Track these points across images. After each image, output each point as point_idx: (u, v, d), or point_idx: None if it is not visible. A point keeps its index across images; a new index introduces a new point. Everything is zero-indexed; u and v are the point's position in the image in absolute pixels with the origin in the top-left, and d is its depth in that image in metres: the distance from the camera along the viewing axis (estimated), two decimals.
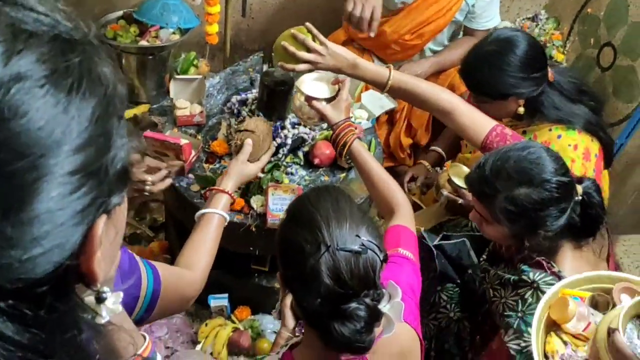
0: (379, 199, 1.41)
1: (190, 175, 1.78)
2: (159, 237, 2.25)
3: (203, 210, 1.35)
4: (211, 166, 1.84)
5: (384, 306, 0.98)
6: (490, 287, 1.42)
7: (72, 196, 0.43)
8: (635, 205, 2.49)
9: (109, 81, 0.48)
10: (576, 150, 1.72)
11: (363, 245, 0.95)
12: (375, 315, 0.96)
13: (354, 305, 0.92)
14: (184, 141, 1.68)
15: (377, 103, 2.16)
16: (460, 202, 1.77)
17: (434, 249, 1.68)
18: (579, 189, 1.35)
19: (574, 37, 2.91)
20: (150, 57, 2.77)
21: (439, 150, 2.32)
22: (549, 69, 1.75)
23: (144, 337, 0.81)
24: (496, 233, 1.39)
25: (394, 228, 1.30)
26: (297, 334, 1.36)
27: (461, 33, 2.50)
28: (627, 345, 0.77)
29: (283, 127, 1.81)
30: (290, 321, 1.39)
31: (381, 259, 0.98)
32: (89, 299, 0.55)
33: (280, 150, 1.81)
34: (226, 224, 1.38)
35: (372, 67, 1.59)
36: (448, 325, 1.62)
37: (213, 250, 1.32)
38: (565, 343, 1.08)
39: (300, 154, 1.90)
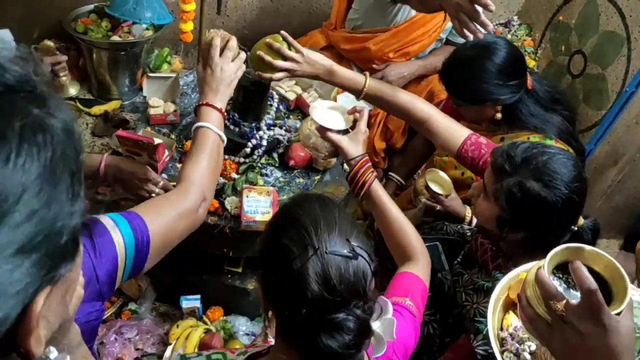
0: (396, 246, 1.33)
1: (164, 175, 1.75)
2: None
3: (198, 124, 1.28)
4: None
5: (373, 322, 0.93)
6: (463, 291, 1.44)
7: (11, 277, 0.38)
8: (603, 210, 2.55)
9: (58, 139, 0.43)
10: None
11: (354, 250, 0.89)
12: (365, 329, 0.89)
13: (342, 315, 0.85)
14: (157, 141, 1.65)
15: (353, 105, 2.15)
16: (438, 208, 1.78)
17: None
18: (581, 221, 1.34)
19: (546, 43, 2.97)
20: (123, 52, 2.71)
21: (396, 177, 2.31)
22: (529, 77, 1.78)
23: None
24: (486, 211, 1.37)
25: (408, 275, 1.23)
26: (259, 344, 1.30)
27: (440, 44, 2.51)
28: (549, 278, 0.77)
29: (258, 129, 1.79)
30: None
31: (372, 268, 0.92)
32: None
33: (256, 152, 1.79)
34: (224, 145, 1.32)
35: (349, 74, 1.57)
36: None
37: (212, 164, 1.25)
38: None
39: (275, 155, 1.89)
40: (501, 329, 1.09)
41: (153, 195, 1.55)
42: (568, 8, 2.79)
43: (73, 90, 2.31)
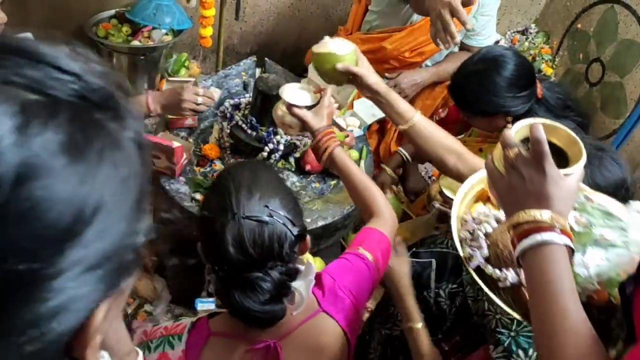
0: (361, 204, 1.39)
1: (181, 178, 1.77)
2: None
3: None
4: (202, 169, 1.84)
5: (296, 282, 0.99)
6: (487, 300, 1.43)
7: (76, 293, 0.39)
8: None
9: (132, 156, 0.43)
10: None
11: (271, 215, 0.95)
12: (280, 290, 0.96)
13: (256, 275, 0.93)
14: (175, 144, 1.67)
15: (369, 111, 2.16)
16: None
17: None
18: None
19: (564, 51, 2.96)
20: (142, 57, 2.76)
21: (404, 152, 2.28)
22: (538, 84, 1.78)
23: (137, 352, 0.80)
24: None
25: (364, 230, 1.28)
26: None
27: (457, 48, 2.52)
28: (510, 132, 0.85)
29: (276, 133, 1.80)
30: None
31: (293, 233, 0.98)
32: None
33: (273, 156, 1.81)
34: None
35: (402, 104, 1.48)
36: (399, 336, 1.61)
37: None
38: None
39: (292, 160, 1.90)
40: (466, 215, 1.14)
41: (199, 101, 1.69)
42: (586, 16, 2.78)
43: None
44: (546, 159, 0.79)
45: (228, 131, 1.85)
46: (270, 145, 1.79)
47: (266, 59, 2.34)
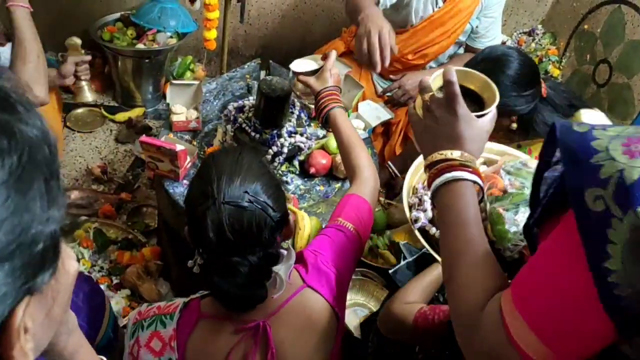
0: (346, 164, 1.41)
1: (185, 182, 1.77)
2: (150, 242, 2.23)
3: None
4: None
5: (277, 267, 1.01)
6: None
7: None
8: None
9: (27, 144, 0.41)
10: None
11: (250, 201, 0.96)
12: (260, 274, 0.98)
13: (235, 259, 0.95)
14: (179, 147, 1.66)
15: (374, 113, 2.15)
16: None
17: (391, 274, 1.69)
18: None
19: (570, 52, 2.93)
20: (147, 60, 2.76)
21: (392, 167, 2.30)
22: (543, 83, 1.76)
23: None
24: None
25: (345, 197, 1.29)
26: None
27: (462, 50, 2.50)
28: (427, 78, 0.90)
29: (279, 136, 1.79)
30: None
31: (273, 218, 0.99)
32: None
33: (276, 159, 1.80)
34: None
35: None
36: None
37: None
38: None
39: (296, 162, 1.89)
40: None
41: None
42: (593, 17, 2.76)
43: (89, 96, 2.33)
44: (457, 100, 0.84)
45: (232, 134, 1.84)
46: (274, 148, 1.78)
47: (270, 61, 2.33)
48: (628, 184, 0.55)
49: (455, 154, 0.84)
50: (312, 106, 2.08)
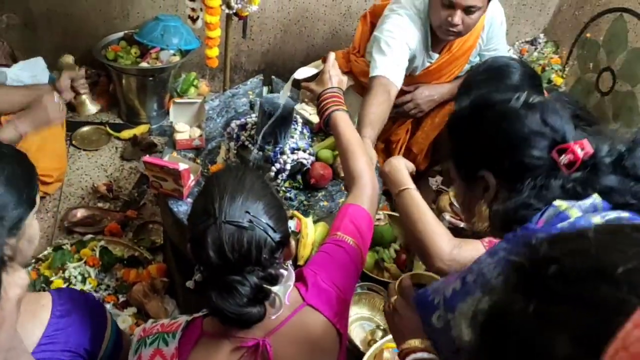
0: (346, 170, 1.40)
1: (189, 200, 1.77)
2: (157, 259, 2.23)
3: None
4: None
5: (276, 287, 1.01)
6: None
7: None
8: None
9: None
10: None
11: (251, 221, 0.97)
12: (258, 294, 0.98)
13: (234, 278, 0.95)
14: (182, 166, 1.67)
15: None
16: (462, 225, 1.76)
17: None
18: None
19: (573, 61, 2.93)
20: (151, 78, 2.79)
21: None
22: (546, 94, 1.76)
23: None
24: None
25: (344, 208, 1.28)
26: None
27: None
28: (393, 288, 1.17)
29: (282, 153, 1.80)
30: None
31: (274, 239, 1.00)
32: None
33: (280, 176, 1.80)
34: None
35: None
36: None
37: None
38: None
39: (299, 177, 1.89)
40: None
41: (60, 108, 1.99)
42: (595, 25, 2.76)
43: (93, 109, 2.36)
44: (411, 296, 1.07)
45: (235, 151, 1.85)
46: (277, 165, 1.79)
47: (273, 77, 2.34)
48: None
49: (417, 342, 1.04)
50: (315, 121, 2.09)
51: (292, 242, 1.12)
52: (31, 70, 2.68)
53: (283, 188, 1.85)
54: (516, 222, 0.92)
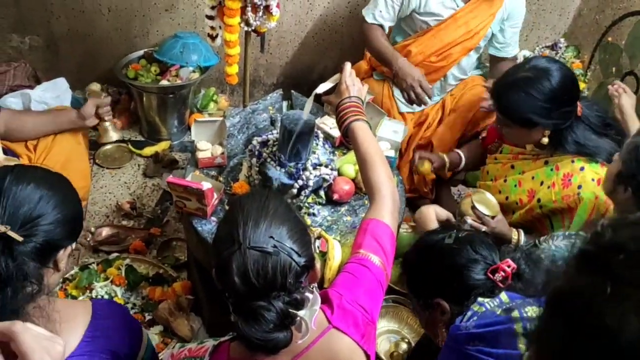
0: (365, 182, 1.38)
1: (213, 219, 1.78)
2: (181, 276, 2.24)
3: None
4: None
5: (302, 311, 1.00)
6: None
7: None
8: None
9: None
10: (600, 185, 1.69)
11: (275, 247, 0.97)
12: (284, 320, 0.97)
13: (260, 304, 0.95)
14: (206, 186, 1.68)
15: (390, 128, 2.14)
16: (483, 229, 1.74)
17: None
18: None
19: (595, 65, 2.89)
20: (171, 95, 2.81)
21: (461, 154, 2.31)
22: (578, 103, 1.76)
23: None
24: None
25: (365, 223, 1.26)
26: None
27: (475, 58, 2.50)
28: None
29: (305, 169, 1.80)
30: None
31: (299, 263, 0.99)
32: None
33: (303, 192, 1.80)
34: None
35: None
36: None
37: None
38: None
39: (322, 193, 1.89)
40: None
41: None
42: (617, 29, 2.72)
43: (114, 136, 2.39)
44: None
45: (257, 168, 1.85)
46: (300, 182, 1.78)
47: (292, 91, 2.35)
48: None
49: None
50: (336, 135, 2.09)
51: (317, 265, 1.11)
52: (54, 91, 2.73)
53: (306, 204, 1.85)
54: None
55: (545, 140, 1.79)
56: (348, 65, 1.59)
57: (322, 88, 1.63)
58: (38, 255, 0.97)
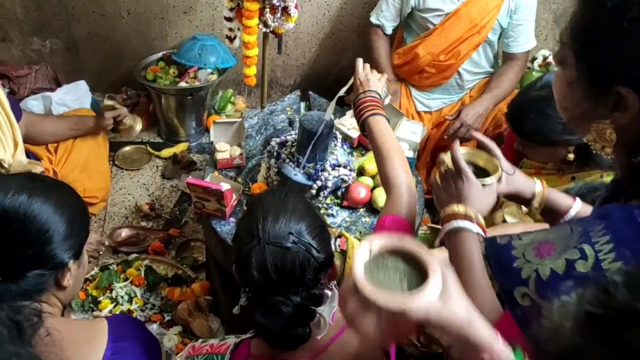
0: (382, 176, 1.34)
1: (232, 219, 1.78)
2: (200, 277, 2.25)
3: None
4: None
5: (321, 307, 1.01)
6: None
7: None
8: None
9: None
10: None
11: (294, 242, 0.97)
12: (302, 315, 0.98)
13: (278, 299, 0.96)
14: (225, 187, 1.68)
15: (409, 129, 2.13)
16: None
17: None
18: None
19: None
20: (189, 97, 2.83)
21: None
22: None
23: None
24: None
25: (382, 220, 1.23)
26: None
27: (491, 51, 2.47)
28: (442, 157, 1.15)
29: (323, 170, 1.80)
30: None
31: (317, 259, 0.99)
32: None
33: (321, 193, 1.80)
34: None
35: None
36: None
37: None
38: None
39: (340, 194, 1.88)
40: None
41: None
42: None
43: (139, 127, 2.49)
44: (464, 171, 1.08)
45: (275, 169, 1.85)
46: (319, 183, 1.78)
47: (310, 92, 2.35)
48: (544, 280, 0.75)
49: (460, 208, 1.05)
50: (354, 136, 2.08)
51: (337, 263, 1.11)
52: (74, 94, 2.77)
53: (325, 205, 1.84)
54: None
55: (571, 156, 1.70)
56: (360, 61, 1.56)
57: (344, 89, 1.61)
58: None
